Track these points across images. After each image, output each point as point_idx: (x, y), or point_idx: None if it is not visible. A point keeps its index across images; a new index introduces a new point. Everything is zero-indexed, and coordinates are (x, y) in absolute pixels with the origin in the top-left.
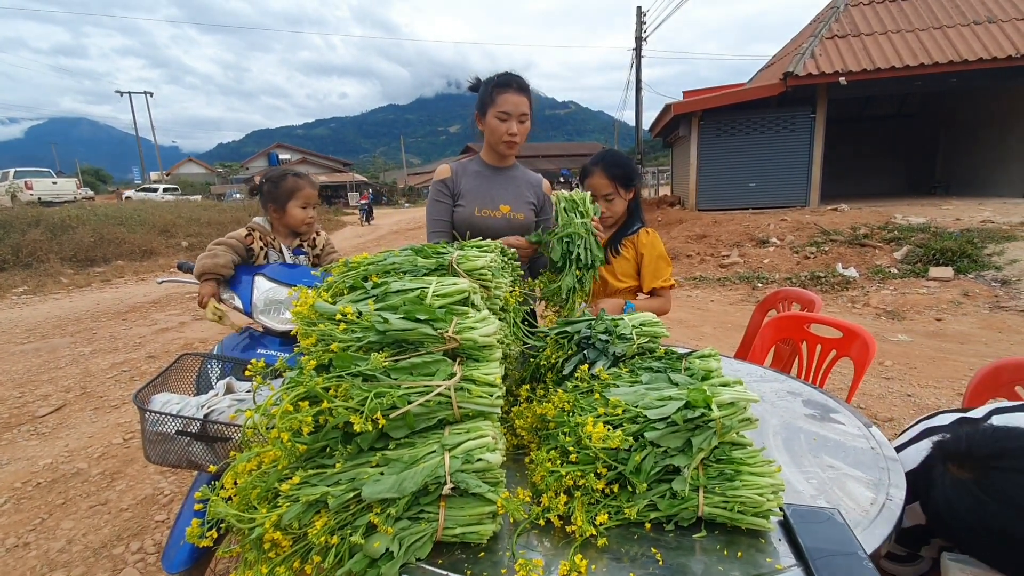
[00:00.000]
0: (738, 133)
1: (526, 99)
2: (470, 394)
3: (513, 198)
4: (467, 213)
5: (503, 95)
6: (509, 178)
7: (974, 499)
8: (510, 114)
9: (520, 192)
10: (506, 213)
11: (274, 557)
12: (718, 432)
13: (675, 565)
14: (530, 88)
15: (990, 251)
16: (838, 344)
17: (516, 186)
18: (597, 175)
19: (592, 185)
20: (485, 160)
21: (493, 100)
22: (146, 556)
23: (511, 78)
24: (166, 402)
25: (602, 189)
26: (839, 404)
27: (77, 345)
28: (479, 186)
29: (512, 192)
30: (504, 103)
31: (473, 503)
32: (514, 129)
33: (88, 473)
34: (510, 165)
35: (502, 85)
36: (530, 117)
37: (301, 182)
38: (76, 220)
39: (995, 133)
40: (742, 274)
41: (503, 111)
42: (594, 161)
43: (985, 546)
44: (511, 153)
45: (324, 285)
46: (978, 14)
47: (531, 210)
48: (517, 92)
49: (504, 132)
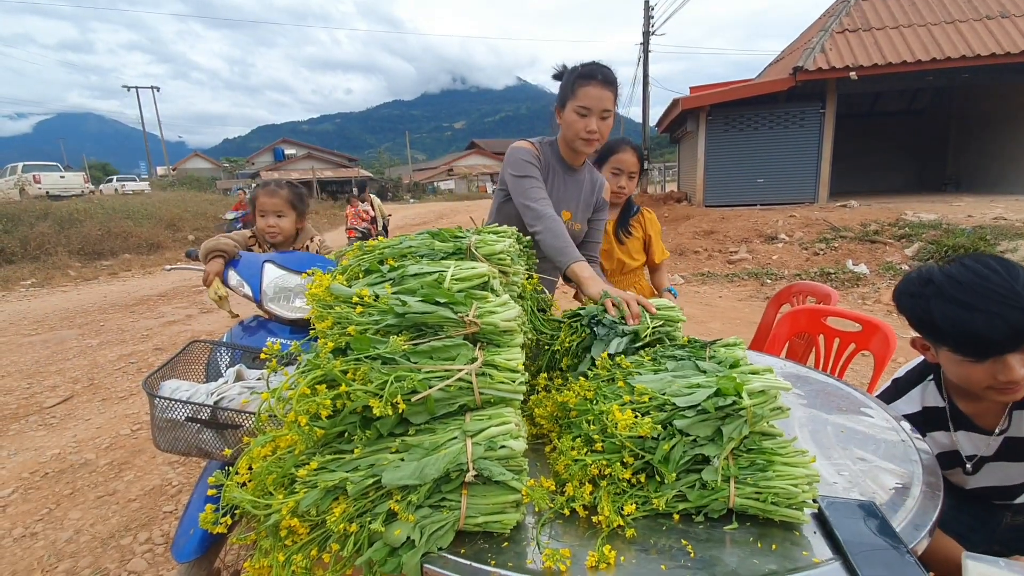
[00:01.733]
0: (746, 128)
1: (611, 93)
2: (492, 379)
3: (576, 205)
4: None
5: (584, 88)
6: (579, 182)
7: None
8: (591, 109)
9: (584, 199)
10: (567, 220)
11: (290, 545)
12: (749, 421)
13: (707, 557)
14: (617, 84)
15: (1003, 248)
16: (857, 337)
17: (582, 191)
18: (628, 152)
19: (623, 160)
20: (561, 154)
21: (574, 93)
22: (154, 547)
23: (596, 69)
24: (176, 389)
25: (631, 166)
26: (865, 396)
27: (85, 337)
28: (552, 182)
29: (577, 199)
30: (585, 97)
31: (496, 491)
32: (593, 126)
33: (96, 464)
34: (581, 164)
35: (585, 77)
36: (612, 115)
37: (260, 192)
38: (83, 214)
39: (1007, 129)
40: (750, 270)
41: (583, 105)
42: (620, 141)
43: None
44: (588, 151)
45: (339, 268)
46: (991, 8)
47: (587, 220)
48: (601, 85)
49: (582, 128)
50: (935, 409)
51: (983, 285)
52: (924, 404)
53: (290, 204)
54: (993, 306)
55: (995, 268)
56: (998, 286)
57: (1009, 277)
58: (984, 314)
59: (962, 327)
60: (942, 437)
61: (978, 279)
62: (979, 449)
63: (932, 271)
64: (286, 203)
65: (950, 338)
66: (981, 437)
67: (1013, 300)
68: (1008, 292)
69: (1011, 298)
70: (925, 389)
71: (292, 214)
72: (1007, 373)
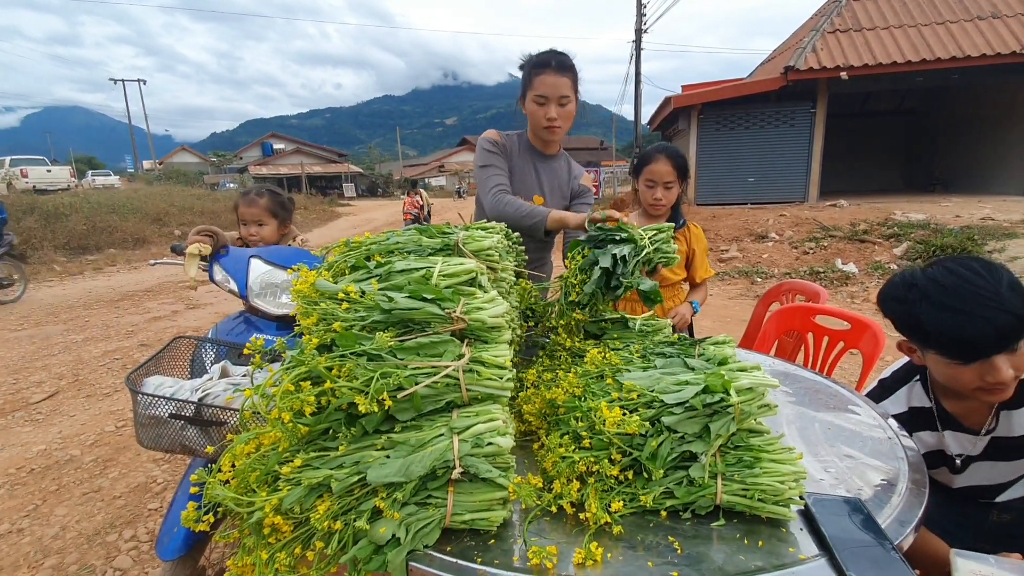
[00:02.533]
0: (738, 127)
1: (567, 80)
2: (479, 376)
3: (548, 190)
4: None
5: (540, 76)
6: (550, 168)
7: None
8: (548, 97)
9: (557, 184)
10: (537, 205)
11: (274, 542)
12: (736, 418)
13: (694, 554)
14: (574, 69)
15: (991, 248)
16: (846, 336)
17: (555, 177)
18: (662, 162)
19: (656, 171)
20: (531, 142)
21: (531, 83)
22: (139, 544)
23: (550, 56)
24: (159, 385)
25: (665, 176)
26: (852, 394)
27: (70, 333)
28: (519, 170)
29: (550, 183)
30: (541, 85)
31: (483, 488)
32: (552, 113)
33: (81, 460)
34: (555, 152)
35: (540, 65)
36: (574, 100)
37: (241, 201)
38: (69, 208)
39: (995, 130)
40: (741, 268)
41: (540, 94)
42: (656, 150)
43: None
44: (553, 139)
45: (325, 264)
46: (981, 9)
47: (564, 205)
48: (557, 72)
49: (542, 117)
50: (922, 409)
51: (968, 289)
52: (911, 404)
53: (270, 212)
54: (979, 310)
55: (979, 271)
56: (983, 289)
57: (993, 280)
58: (971, 318)
59: (950, 331)
60: (929, 437)
61: (963, 283)
62: (966, 449)
63: (915, 275)
64: (265, 211)
65: (938, 342)
66: (968, 437)
67: (998, 303)
68: (993, 295)
69: (996, 301)
70: (911, 390)
71: (273, 222)
72: (995, 374)
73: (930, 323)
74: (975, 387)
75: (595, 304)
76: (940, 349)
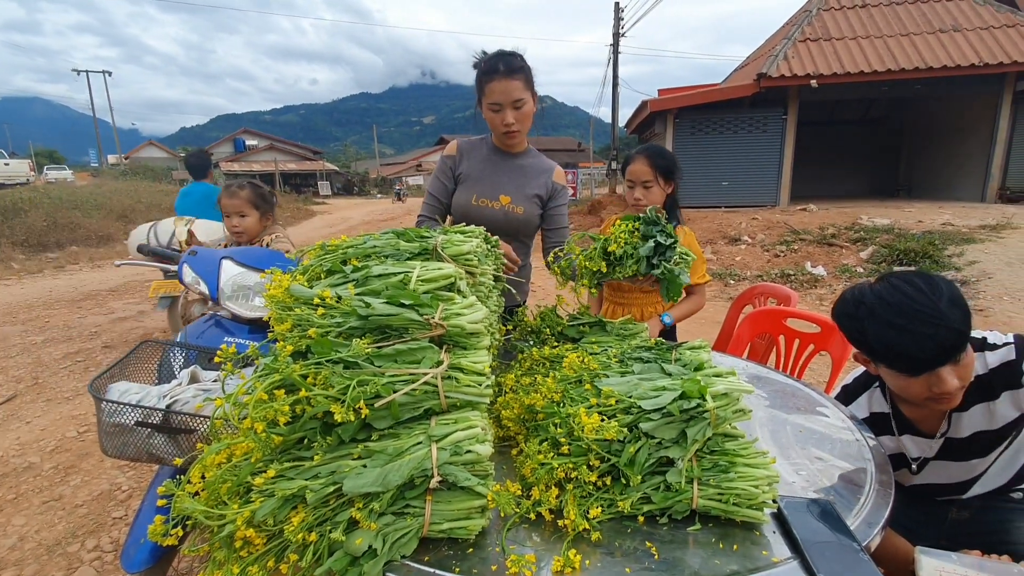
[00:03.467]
0: (712, 132)
1: (518, 82)
2: (458, 383)
3: (515, 189)
4: (464, 200)
5: (490, 83)
6: (517, 166)
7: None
8: (502, 104)
9: (525, 182)
10: (505, 205)
11: (246, 556)
12: (712, 423)
13: (671, 559)
14: (524, 67)
15: (950, 252)
16: (816, 339)
17: (523, 175)
18: (639, 162)
19: (633, 171)
20: (495, 143)
21: (483, 90)
22: (103, 554)
23: (498, 61)
24: (124, 391)
25: (642, 175)
26: (822, 396)
27: (28, 334)
28: (483, 171)
29: (516, 182)
30: (492, 93)
31: (461, 497)
32: (509, 119)
33: (40, 467)
34: (521, 151)
35: (489, 73)
36: (531, 99)
37: (223, 194)
38: (28, 203)
39: (955, 139)
40: (715, 271)
41: (493, 101)
42: (638, 150)
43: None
44: (513, 145)
45: (300, 268)
46: (943, 22)
47: (534, 204)
48: (505, 77)
49: (500, 123)
50: (881, 415)
51: (910, 306)
52: (871, 410)
53: (251, 203)
54: (920, 327)
55: (921, 288)
56: (924, 306)
57: (934, 296)
58: (912, 335)
59: (894, 347)
60: (888, 441)
61: (906, 299)
62: (923, 451)
63: (864, 292)
64: (246, 203)
65: (884, 357)
66: (925, 440)
67: (938, 319)
68: (933, 312)
69: (936, 317)
70: (872, 396)
71: (255, 213)
72: (940, 385)
73: (875, 339)
74: (925, 397)
75: (635, 263)
76: (886, 363)
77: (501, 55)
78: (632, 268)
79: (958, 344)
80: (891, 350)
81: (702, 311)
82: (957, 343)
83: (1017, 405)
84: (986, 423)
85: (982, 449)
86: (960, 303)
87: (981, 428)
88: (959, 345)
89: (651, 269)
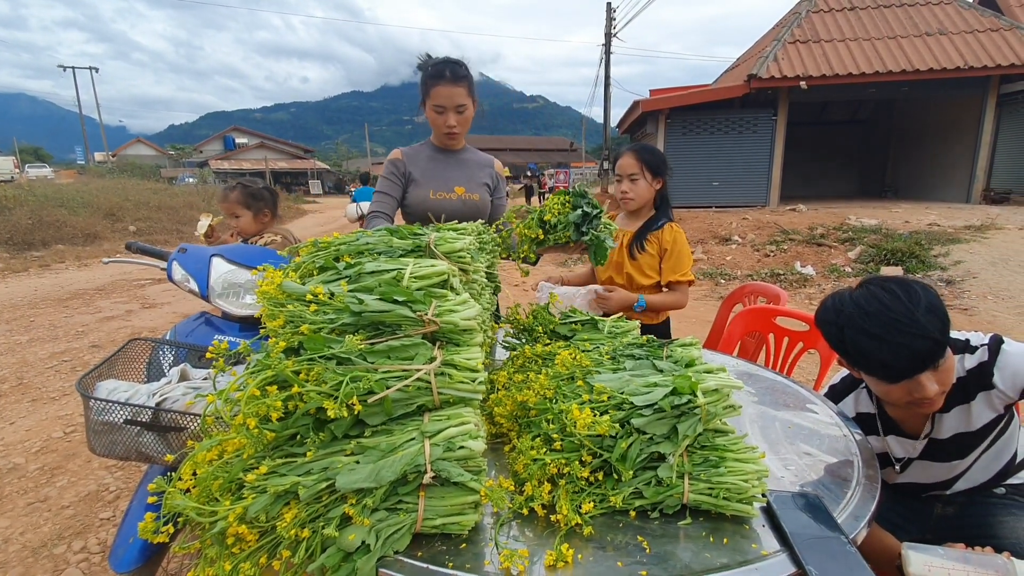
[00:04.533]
0: (703, 132)
1: (462, 89)
2: (451, 379)
3: (467, 180)
4: (422, 196)
5: (436, 88)
6: (460, 161)
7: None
8: (445, 107)
9: (473, 173)
10: (461, 195)
11: (238, 552)
12: (703, 419)
13: (662, 553)
14: (468, 75)
15: (936, 252)
16: (805, 337)
17: (468, 168)
18: (626, 156)
19: (621, 165)
20: (436, 144)
21: (428, 93)
22: (90, 556)
23: (444, 67)
24: (113, 389)
25: (628, 169)
26: (810, 393)
27: (13, 333)
28: (432, 169)
29: (465, 174)
30: (437, 96)
31: (454, 492)
32: (451, 121)
33: (25, 468)
34: (460, 148)
35: (435, 77)
36: (471, 104)
37: (219, 198)
38: (13, 201)
39: (941, 140)
40: (705, 270)
41: (437, 104)
42: (627, 147)
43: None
44: (453, 144)
45: (292, 265)
46: (930, 26)
47: (485, 191)
48: (451, 83)
49: (442, 125)
50: (867, 415)
51: (886, 315)
52: (858, 411)
53: (242, 204)
54: (896, 336)
55: (897, 295)
56: (900, 315)
57: (911, 304)
58: (888, 344)
59: (870, 356)
60: (874, 441)
61: (883, 308)
62: (908, 452)
63: (844, 300)
64: (237, 204)
65: (862, 364)
66: (909, 441)
67: (914, 328)
68: (909, 321)
69: (912, 327)
70: (858, 396)
71: (247, 213)
72: (920, 391)
73: (852, 347)
74: (906, 402)
75: (565, 229)
76: (865, 371)
77: (448, 62)
78: (565, 235)
79: (935, 352)
80: (868, 358)
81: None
82: (934, 351)
83: (991, 406)
84: (964, 425)
85: (962, 451)
86: (938, 311)
87: (960, 430)
88: (936, 353)
89: (580, 236)
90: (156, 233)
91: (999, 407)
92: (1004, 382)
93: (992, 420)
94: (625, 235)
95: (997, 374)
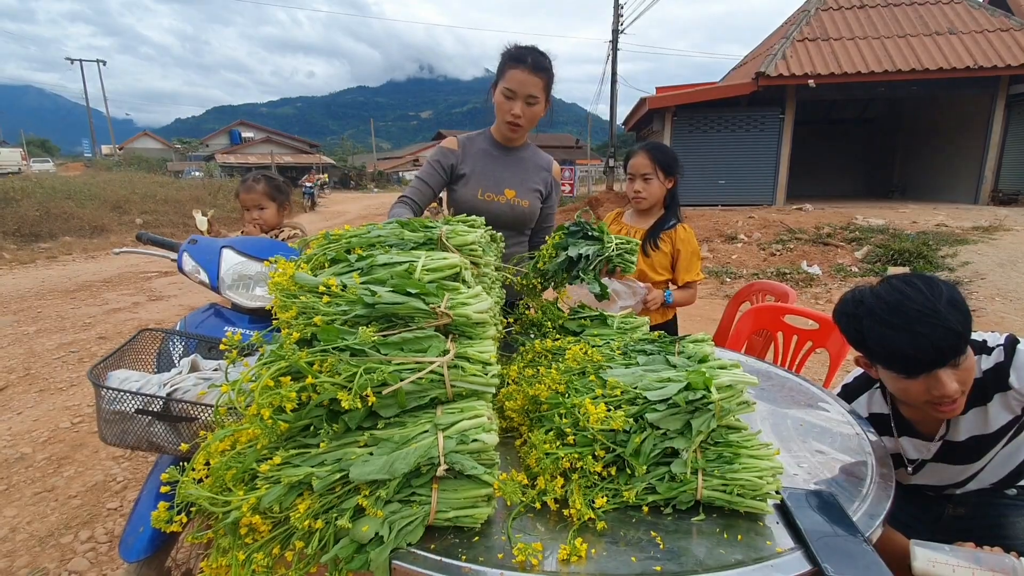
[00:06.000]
0: (710, 130)
1: (540, 80)
2: (464, 372)
3: (519, 183)
4: (469, 195)
5: (512, 71)
6: (518, 160)
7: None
8: (516, 93)
9: (527, 176)
10: (510, 199)
11: (251, 543)
12: (717, 415)
13: (676, 548)
14: (550, 69)
15: (944, 253)
16: (815, 335)
17: (524, 170)
18: (640, 155)
19: (633, 164)
20: (495, 137)
21: (503, 74)
22: (97, 545)
23: (527, 53)
24: (124, 379)
25: (642, 168)
26: (821, 391)
27: (20, 324)
28: (485, 167)
29: (519, 176)
30: (511, 79)
31: (468, 485)
32: (517, 110)
33: (33, 458)
34: (520, 145)
35: (515, 60)
36: (544, 102)
37: (241, 189)
38: (20, 192)
39: (950, 140)
40: (711, 269)
41: (508, 88)
42: (640, 146)
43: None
44: (514, 136)
45: (304, 257)
46: (940, 25)
47: (537, 197)
48: (530, 71)
49: (507, 111)
50: (881, 415)
51: (907, 305)
52: (871, 410)
53: (268, 196)
54: (917, 326)
55: (920, 288)
56: (922, 305)
57: (932, 296)
58: (909, 334)
59: (889, 347)
60: (887, 442)
61: (904, 299)
62: (921, 453)
63: (864, 292)
64: (263, 195)
65: (881, 357)
66: (923, 443)
67: (936, 319)
68: (931, 312)
69: (933, 317)
70: (872, 396)
71: (272, 205)
72: (939, 388)
73: (872, 339)
74: (924, 400)
75: (556, 277)
76: (884, 363)
77: (533, 49)
78: (562, 280)
79: (956, 345)
80: (887, 349)
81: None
82: (955, 344)
83: (1008, 407)
84: (981, 427)
85: (977, 453)
86: (960, 305)
87: (976, 432)
88: (957, 346)
89: (573, 280)
90: (162, 226)
91: (1016, 408)
92: (1021, 383)
93: (1008, 422)
94: (637, 233)
95: (1014, 375)
